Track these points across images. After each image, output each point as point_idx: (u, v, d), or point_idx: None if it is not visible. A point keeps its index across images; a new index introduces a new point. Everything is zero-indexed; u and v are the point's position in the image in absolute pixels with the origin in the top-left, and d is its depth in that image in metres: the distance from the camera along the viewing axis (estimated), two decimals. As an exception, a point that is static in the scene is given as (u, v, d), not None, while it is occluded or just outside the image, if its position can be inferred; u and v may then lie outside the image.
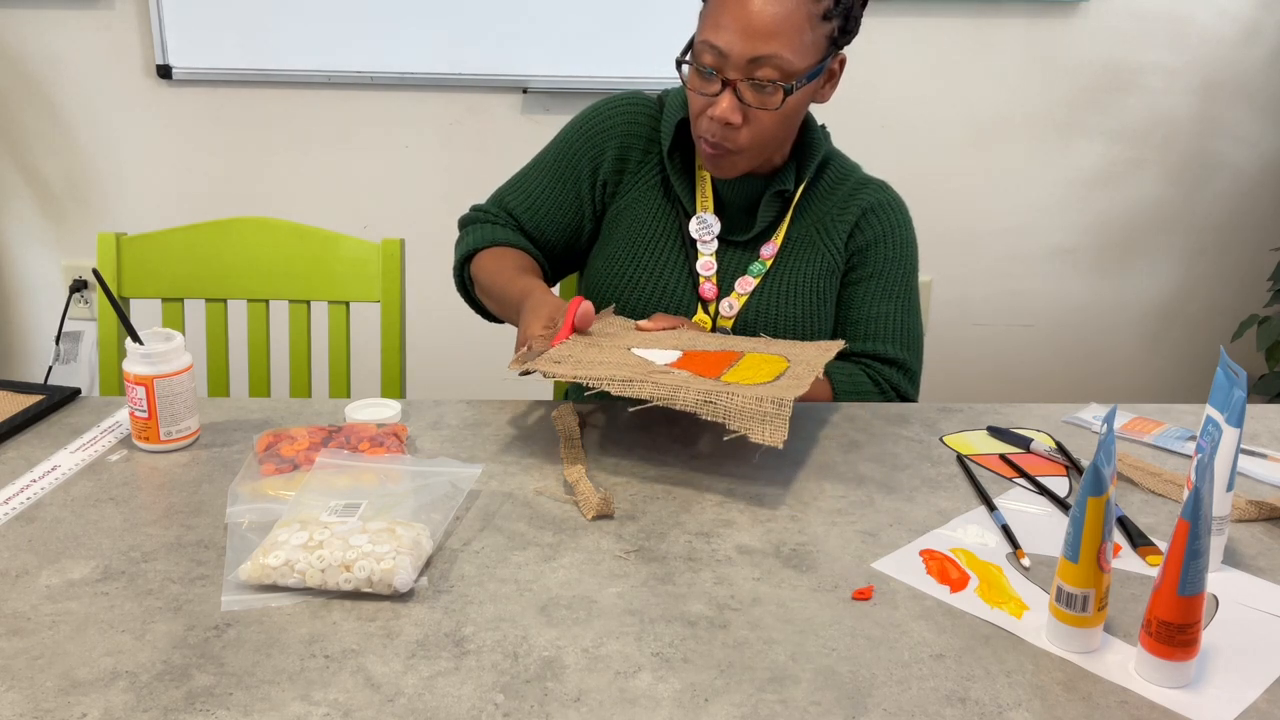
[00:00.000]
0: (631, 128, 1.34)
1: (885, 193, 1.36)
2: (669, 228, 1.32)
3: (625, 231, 1.33)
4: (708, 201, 1.31)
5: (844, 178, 1.35)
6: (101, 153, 2.40)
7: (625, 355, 1.12)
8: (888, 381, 1.33)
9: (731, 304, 1.31)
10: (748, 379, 1.06)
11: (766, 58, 1.15)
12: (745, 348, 1.17)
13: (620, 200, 1.35)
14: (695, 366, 1.10)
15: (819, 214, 1.33)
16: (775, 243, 1.31)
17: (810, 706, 0.72)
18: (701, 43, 1.18)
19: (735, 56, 1.15)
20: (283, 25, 2.28)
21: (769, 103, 1.18)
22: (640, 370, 1.06)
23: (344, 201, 2.44)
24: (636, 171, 1.34)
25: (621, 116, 1.34)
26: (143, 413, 1.07)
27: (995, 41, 2.37)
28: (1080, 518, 0.76)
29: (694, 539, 0.94)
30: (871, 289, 1.34)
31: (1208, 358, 2.64)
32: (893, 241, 1.34)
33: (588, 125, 1.36)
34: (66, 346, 2.53)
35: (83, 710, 0.70)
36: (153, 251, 1.56)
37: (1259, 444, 1.18)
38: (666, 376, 1.04)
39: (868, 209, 1.34)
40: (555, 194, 1.36)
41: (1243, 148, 2.48)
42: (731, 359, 1.12)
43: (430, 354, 2.30)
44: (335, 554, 0.84)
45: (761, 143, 1.22)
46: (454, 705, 0.72)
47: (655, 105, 1.35)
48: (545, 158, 1.38)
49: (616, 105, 1.35)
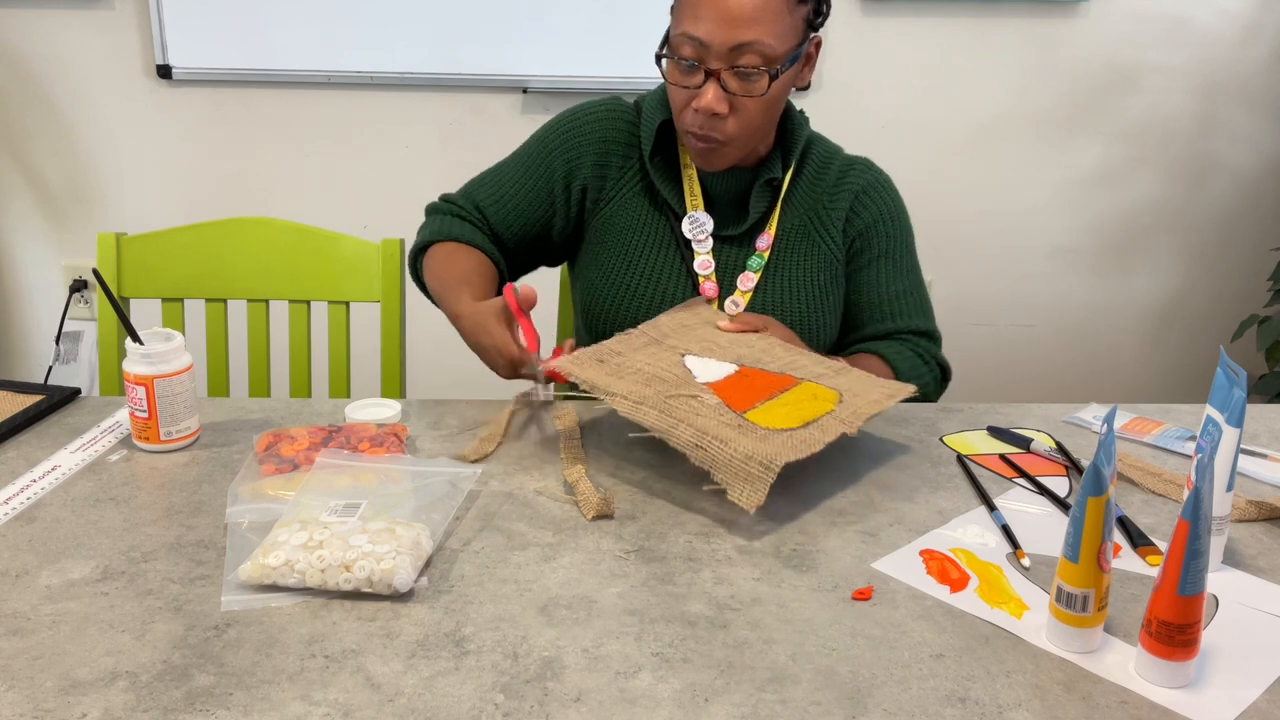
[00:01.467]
0: (609, 134, 1.33)
1: (871, 171, 1.37)
2: (660, 231, 1.32)
3: (616, 240, 1.33)
4: (697, 200, 1.31)
5: (828, 160, 1.36)
6: (101, 153, 2.40)
7: (672, 364, 1.11)
8: (927, 353, 1.35)
9: (737, 302, 1.30)
10: (775, 419, 1.02)
11: (748, 44, 1.15)
12: (807, 374, 1.14)
13: (606, 209, 1.34)
14: (734, 391, 1.07)
15: (810, 202, 1.34)
16: (769, 233, 1.31)
17: (810, 706, 0.72)
18: (679, 35, 1.18)
19: (717, 46, 1.15)
20: (283, 25, 2.28)
21: (754, 90, 1.18)
22: (668, 388, 1.05)
23: (344, 201, 2.44)
24: (619, 179, 1.33)
25: (599, 123, 1.34)
26: (143, 413, 1.07)
27: (995, 41, 2.37)
28: (1080, 518, 0.76)
29: (694, 539, 0.94)
30: (885, 269, 1.35)
31: (1208, 358, 2.64)
32: (891, 218, 1.36)
33: (564, 130, 1.35)
34: (66, 346, 2.53)
35: (83, 710, 0.70)
36: (153, 251, 1.56)
37: (1259, 444, 1.18)
38: (684, 404, 1.03)
39: (859, 192, 1.34)
40: (525, 194, 1.35)
41: (1243, 148, 2.48)
42: (783, 385, 1.09)
43: (430, 354, 2.30)
44: (335, 554, 0.84)
45: (749, 130, 1.22)
46: (454, 705, 0.72)
47: (632, 111, 1.35)
48: (519, 157, 1.38)
49: (593, 112, 1.35)
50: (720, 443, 0.96)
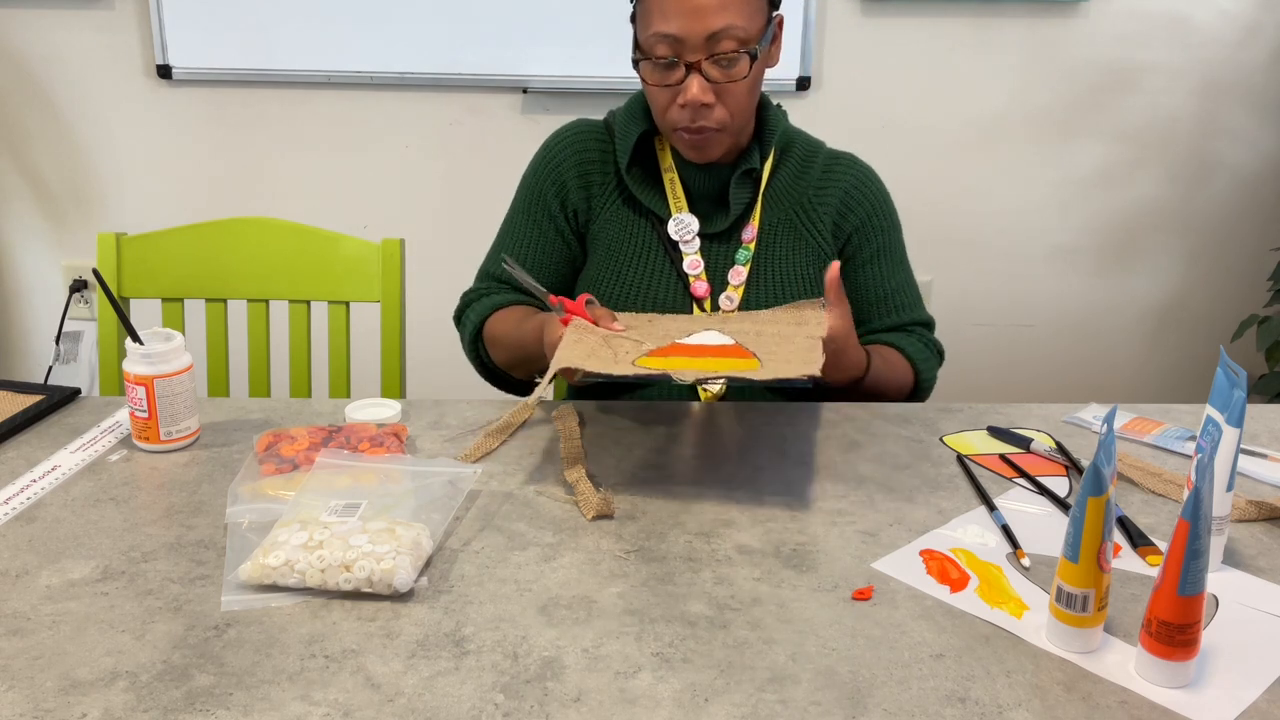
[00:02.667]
0: (584, 153, 1.35)
1: (857, 166, 1.38)
2: (646, 238, 1.32)
3: (603, 253, 1.34)
4: (680, 202, 1.32)
5: (812, 155, 1.36)
6: (101, 153, 2.40)
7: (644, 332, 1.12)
8: (930, 341, 1.39)
9: (730, 297, 1.31)
10: (683, 365, 1.03)
11: (723, 30, 1.15)
12: (757, 342, 1.13)
13: (594, 226, 1.35)
14: (676, 350, 1.09)
15: (795, 195, 1.34)
16: (754, 225, 1.32)
17: (810, 706, 0.72)
18: (651, 37, 1.18)
19: (692, 39, 1.16)
20: (283, 25, 2.28)
21: (736, 74, 1.19)
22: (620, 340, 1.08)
23: (344, 201, 2.44)
24: (602, 194, 1.34)
25: (573, 146, 1.35)
26: (143, 413, 1.07)
27: (995, 41, 2.37)
28: (1080, 518, 0.76)
29: (694, 539, 0.94)
30: (884, 264, 1.37)
31: (1208, 358, 2.64)
32: (882, 213, 1.37)
33: (543, 164, 1.36)
34: (66, 346, 2.53)
35: (83, 710, 0.70)
36: (153, 251, 1.56)
37: (1259, 444, 1.18)
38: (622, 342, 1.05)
39: (849, 188, 1.35)
40: (535, 240, 1.36)
41: (1243, 148, 2.48)
42: (723, 353, 1.09)
43: (430, 354, 2.30)
44: (335, 554, 0.84)
45: (739, 113, 1.23)
46: (454, 705, 0.72)
47: (601, 127, 1.36)
48: (514, 213, 1.39)
49: (564, 136, 1.36)
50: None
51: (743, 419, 1.20)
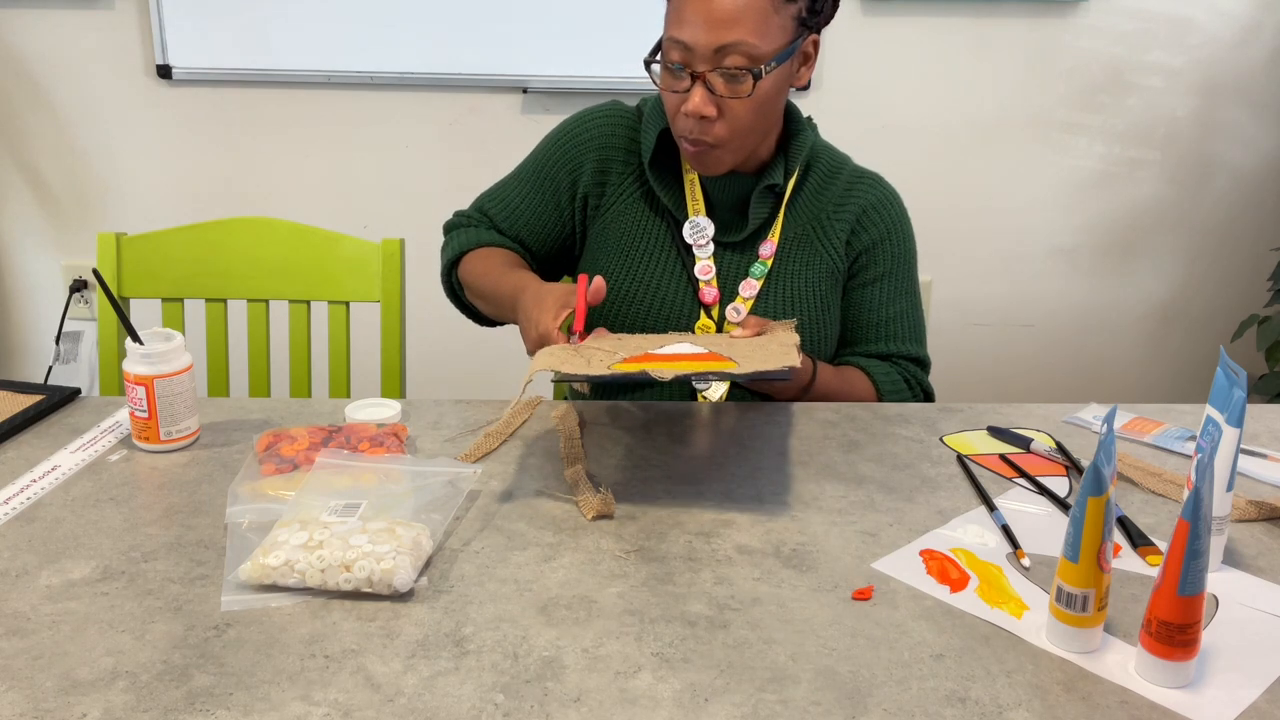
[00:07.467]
0: (610, 139, 1.33)
1: (881, 187, 1.35)
2: (660, 237, 1.31)
3: (615, 246, 1.32)
4: (699, 205, 1.30)
5: (836, 171, 1.34)
6: (101, 153, 2.40)
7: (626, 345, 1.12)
8: (915, 379, 1.35)
9: (738, 309, 1.29)
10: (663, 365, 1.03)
11: (732, 45, 1.14)
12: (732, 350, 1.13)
13: (605, 215, 1.33)
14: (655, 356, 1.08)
15: (815, 211, 1.32)
16: (773, 241, 1.30)
17: (810, 706, 0.72)
18: (668, 40, 1.18)
19: (701, 48, 1.15)
20: (283, 25, 2.28)
21: (740, 91, 1.17)
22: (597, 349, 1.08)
23: (344, 201, 2.44)
24: (619, 184, 1.33)
25: (599, 129, 1.33)
26: (143, 413, 1.07)
27: (995, 41, 2.37)
28: (1080, 518, 0.76)
29: (694, 539, 0.94)
30: (885, 289, 1.35)
31: (1208, 358, 2.64)
32: (897, 238, 1.34)
33: (565, 138, 1.35)
34: (66, 346, 2.53)
35: (83, 710, 0.70)
36: (153, 251, 1.56)
37: (1259, 444, 1.18)
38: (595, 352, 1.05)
39: (867, 207, 1.33)
40: (533, 206, 1.36)
41: (1243, 148, 2.48)
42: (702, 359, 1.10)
43: (430, 354, 2.30)
44: (335, 554, 0.84)
45: (740, 132, 1.20)
46: (454, 705, 0.72)
47: (634, 115, 1.34)
48: (524, 169, 1.38)
49: (593, 117, 1.34)
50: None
51: (743, 419, 1.20)
